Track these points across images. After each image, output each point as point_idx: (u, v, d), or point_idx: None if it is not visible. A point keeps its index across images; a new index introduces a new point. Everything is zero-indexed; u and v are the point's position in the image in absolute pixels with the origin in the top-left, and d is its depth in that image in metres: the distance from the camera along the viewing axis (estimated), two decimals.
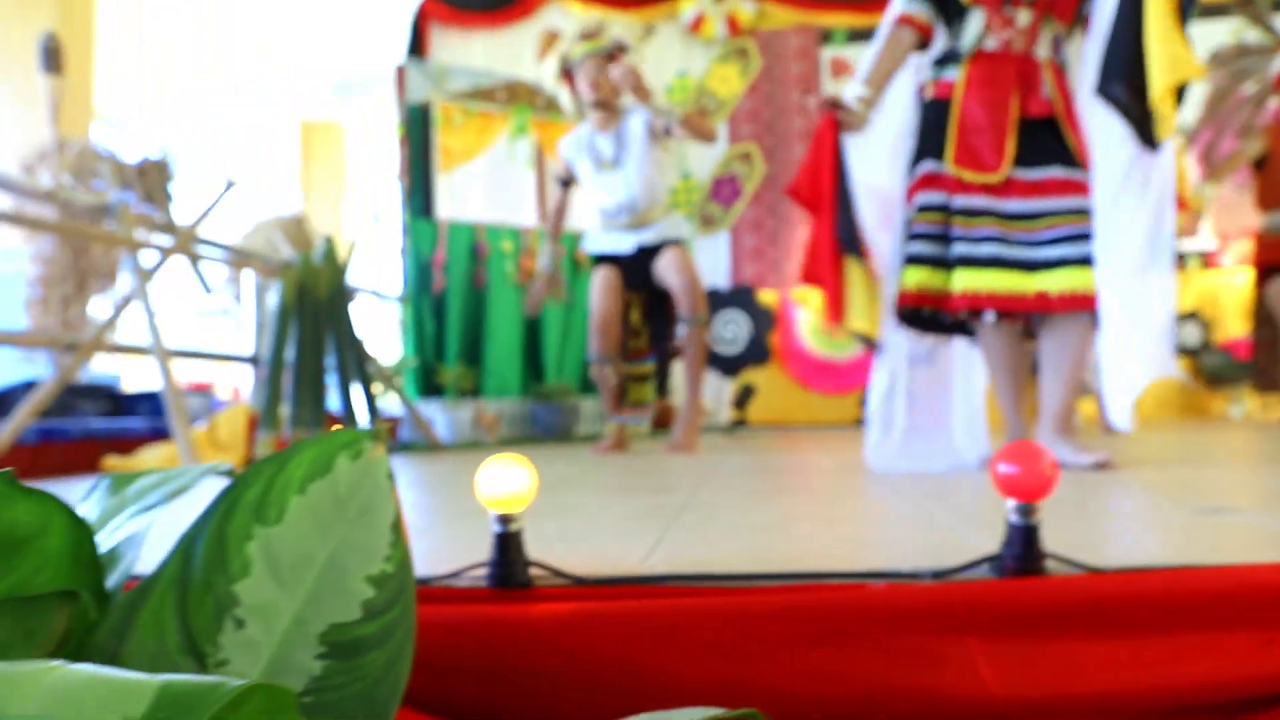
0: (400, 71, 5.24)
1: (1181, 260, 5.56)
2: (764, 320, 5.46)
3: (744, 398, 5.15)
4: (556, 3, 6.08)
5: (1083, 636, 0.78)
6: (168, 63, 6.82)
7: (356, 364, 3.80)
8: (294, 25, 6.71)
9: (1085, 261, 1.97)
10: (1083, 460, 1.91)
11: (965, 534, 1.11)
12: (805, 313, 5.47)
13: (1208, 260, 5.64)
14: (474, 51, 6.03)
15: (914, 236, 2.07)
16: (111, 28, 6.12)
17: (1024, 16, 2.07)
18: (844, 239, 2.16)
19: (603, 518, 1.40)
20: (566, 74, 3.55)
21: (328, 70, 7.57)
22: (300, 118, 8.08)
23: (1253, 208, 4.38)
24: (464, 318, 4.91)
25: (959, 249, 2.02)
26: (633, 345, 3.65)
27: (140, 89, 6.95)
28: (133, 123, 7.23)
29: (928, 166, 2.09)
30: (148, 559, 0.67)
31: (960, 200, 2.03)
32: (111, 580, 0.57)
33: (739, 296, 5.52)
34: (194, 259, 3.25)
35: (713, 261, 5.64)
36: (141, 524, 0.65)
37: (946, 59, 2.11)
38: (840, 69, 5.74)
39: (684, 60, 5.86)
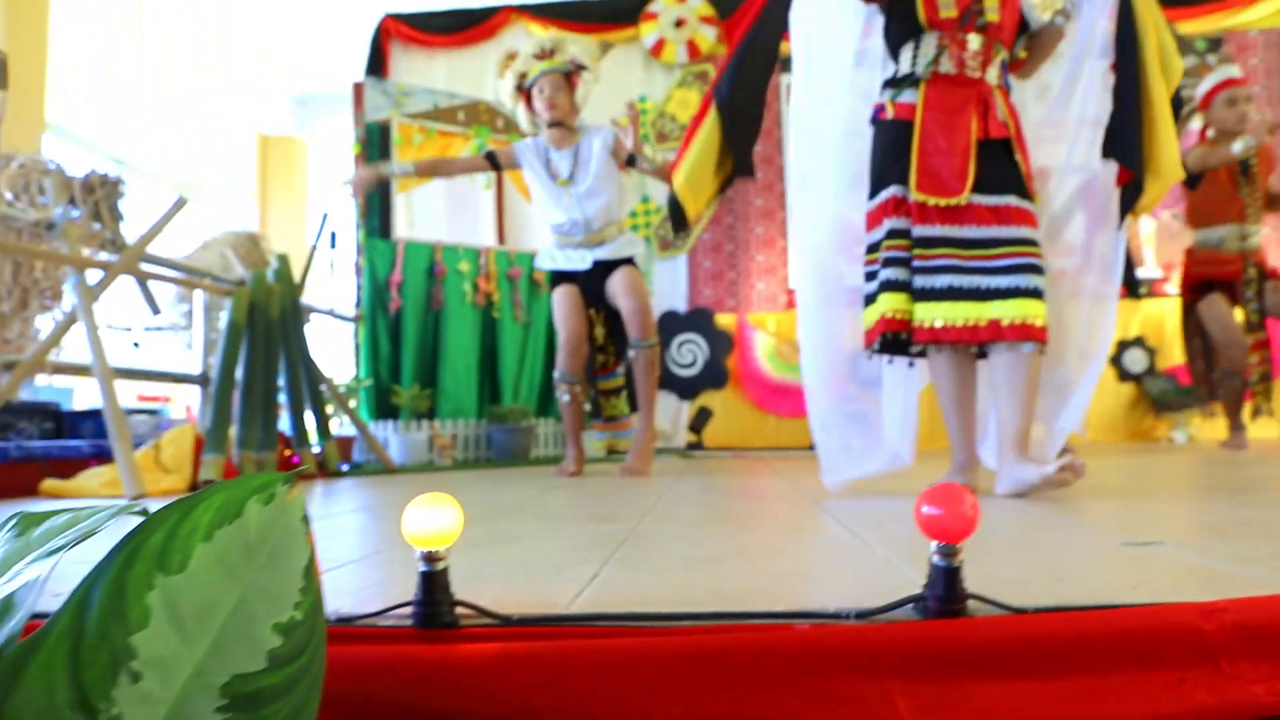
0: (358, 89, 5.22)
1: (1132, 288, 5.68)
2: (722, 343, 5.49)
3: (701, 421, 5.17)
4: (519, 24, 6.10)
5: (1003, 678, 0.79)
6: (123, 73, 6.72)
7: (309, 384, 3.76)
8: (254, 36, 6.65)
9: (1037, 293, 2.02)
10: (1050, 468, 1.92)
11: (901, 568, 1.12)
12: (763, 336, 5.51)
13: (1153, 288, 5.77)
14: (436, 71, 6.03)
15: (888, 262, 2.09)
16: (65, 38, 6.03)
17: (975, 41, 2.12)
18: (720, 90, 2.27)
19: (544, 548, 1.39)
20: (523, 92, 3.54)
21: (288, 84, 7.51)
22: (259, 130, 7.99)
23: (1184, 227, 4.53)
24: (420, 338, 4.88)
25: (918, 281, 2.05)
26: (600, 361, 3.64)
27: (94, 100, 6.84)
28: (85, 135, 7.10)
29: (893, 191, 2.11)
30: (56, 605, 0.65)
31: (919, 230, 2.06)
32: (3, 631, 0.55)
33: (697, 319, 5.55)
34: (141, 277, 3.20)
35: (671, 284, 5.68)
36: (43, 569, 0.64)
37: (903, 81, 2.14)
38: None
39: (645, 84, 5.90)
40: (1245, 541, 1.30)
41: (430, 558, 0.87)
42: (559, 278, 3.54)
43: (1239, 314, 4.31)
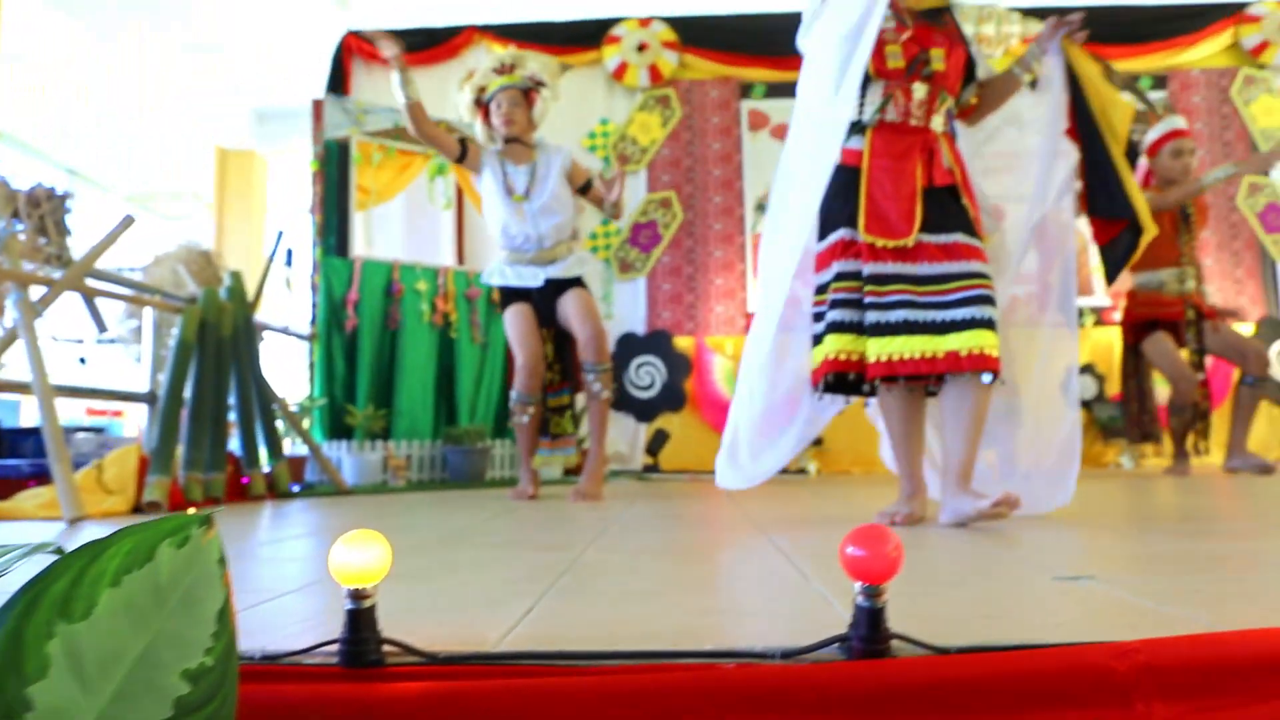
0: (317, 106, 5.19)
1: (1079, 314, 5.81)
2: (680, 366, 5.51)
3: (657, 443, 5.17)
4: (482, 44, 6.11)
5: (924, 718, 0.80)
6: (77, 81, 6.62)
7: (260, 404, 3.71)
8: (215, 48, 6.58)
9: (990, 323, 2.05)
10: (985, 503, 1.95)
11: (835, 604, 1.13)
12: (721, 359, 5.54)
13: (1102, 316, 5.90)
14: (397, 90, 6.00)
15: (835, 304, 2.11)
16: (18, 45, 5.93)
17: (921, 90, 2.16)
18: None
19: (484, 579, 1.38)
20: (481, 106, 3.54)
21: (249, 97, 7.44)
22: (217, 144, 7.90)
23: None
24: (376, 358, 4.84)
25: (871, 316, 2.07)
26: (548, 379, 3.63)
27: (47, 108, 6.72)
28: (37, 144, 6.98)
29: (842, 234, 2.14)
30: None
31: (871, 268, 2.08)
32: None
33: (655, 342, 5.56)
34: (88, 294, 3.14)
35: (630, 307, 5.69)
36: None
37: (850, 128, 2.16)
38: (759, 121, 5.89)
39: (606, 107, 5.94)
40: (1173, 576, 1.33)
41: (357, 595, 0.86)
42: (510, 296, 3.52)
43: (1183, 354, 4.44)
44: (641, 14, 5.94)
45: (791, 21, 2.31)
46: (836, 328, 2.08)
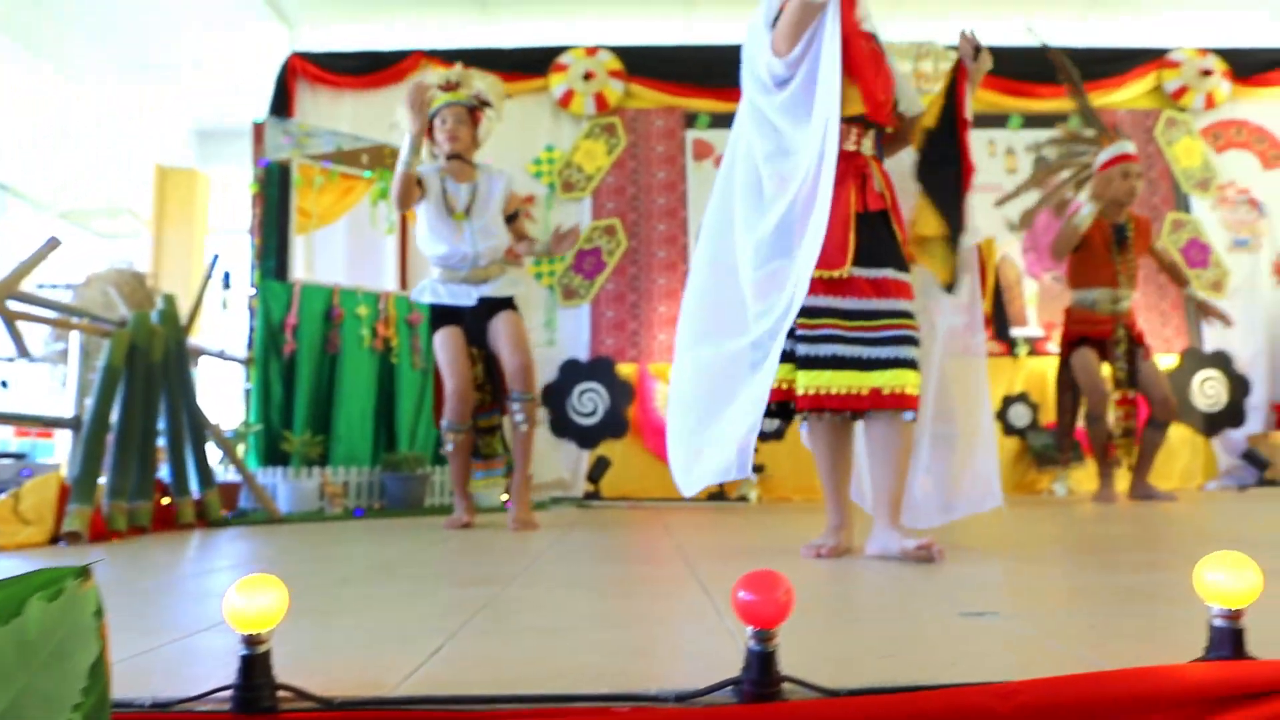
0: (258, 128, 5.13)
1: (1011, 346, 5.97)
2: (623, 393, 5.53)
3: (599, 470, 5.17)
4: (428, 69, 6.10)
5: None
6: (9, 93, 6.47)
7: (191, 429, 3.63)
8: (155, 64, 6.48)
9: (913, 364, 2.09)
10: (910, 544, 1.97)
11: (743, 642, 1.14)
12: (664, 386, 5.57)
13: (1035, 346, 6.05)
14: (342, 112, 5.98)
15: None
16: None
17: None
18: None
19: (400, 616, 1.37)
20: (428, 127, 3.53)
21: (190, 115, 7.33)
22: (156, 161, 7.75)
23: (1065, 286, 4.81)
24: (314, 383, 4.78)
25: (802, 349, 2.09)
26: (479, 399, 3.60)
27: None
28: None
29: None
30: None
31: (804, 300, 2.07)
32: None
33: (598, 369, 5.57)
34: (9, 317, 3.06)
35: (574, 333, 5.70)
36: None
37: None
38: (703, 151, 5.96)
39: (552, 134, 5.97)
40: (1075, 611, 1.38)
41: (251, 640, 0.86)
42: (441, 318, 3.50)
43: (1107, 369, 4.58)
44: (588, 43, 6.00)
45: (737, 54, 2.34)
46: (788, 359, 2.09)
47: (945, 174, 2.31)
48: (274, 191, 4.99)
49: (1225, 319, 4.74)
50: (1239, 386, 5.96)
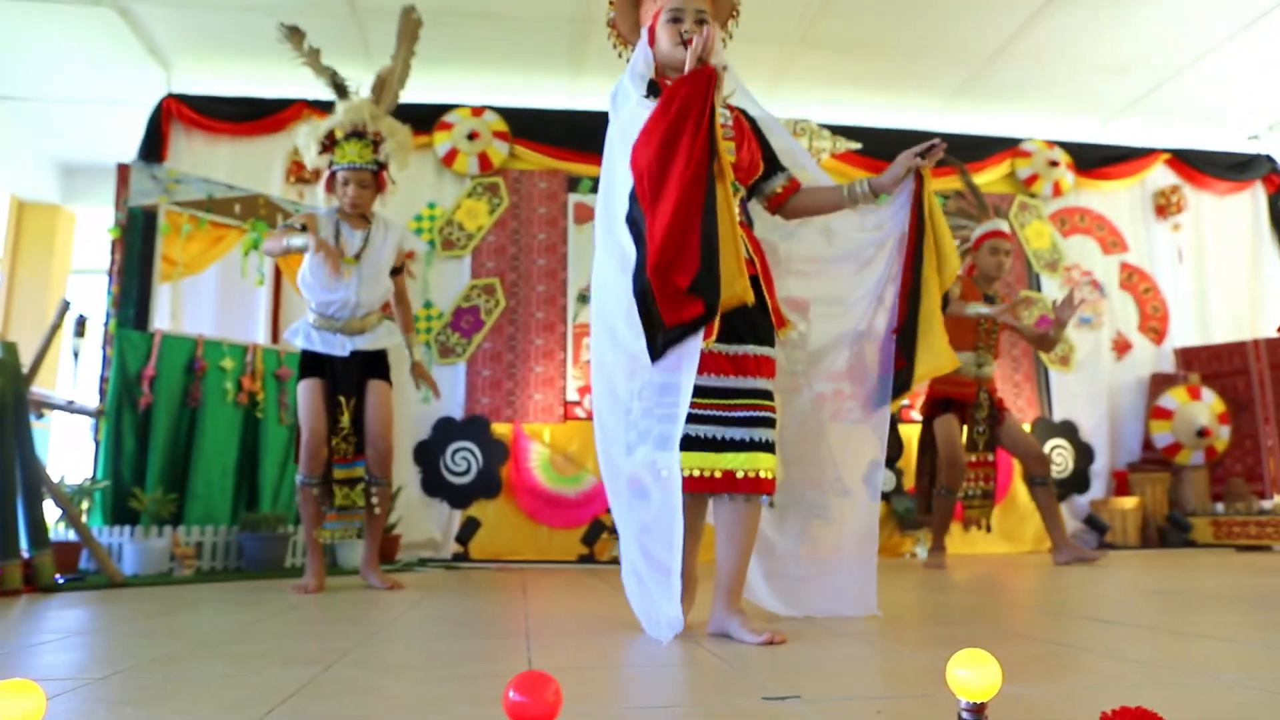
0: (123, 170, 4.97)
1: None
2: (497, 452, 5.49)
3: (468, 531, 5.10)
4: (312, 120, 6.04)
5: None
6: None
7: (25, 484, 3.44)
8: (18, 95, 6.20)
9: (769, 446, 2.06)
10: (750, 639, 1.95)
11: None
12: (538, 446, 5.56)
13: (901, 413, 6.31)
14: (218, 158, 5.85)
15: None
16: None
17: None
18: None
19: (198, 706, 1.33)
20: (329, 169, 3.53)
21: (55, 149, 7.03)
22: (14, 194, 7.37)
23: None
24: (170, 438, 4.59)
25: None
26: (343, 450, 3.55)
27: None
28: None
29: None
30: None
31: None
32: None
33: (472, 428, 5.54)
34: None
35: (449, 391, 5.65)
36: None
37: None
38: (584, 215, 6.06)
39: (435, 191, 5.98)
40: (872, 693, 1.44)
41: None
42: (310, 366, 3.48)
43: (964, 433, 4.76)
44: (474, 103, 6.06)
45: None
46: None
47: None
48: (137, 238, 4.82)
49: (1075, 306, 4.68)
50: (1084, 454, 6.35)
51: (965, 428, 4.76)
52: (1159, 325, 6.76)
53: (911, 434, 6.13)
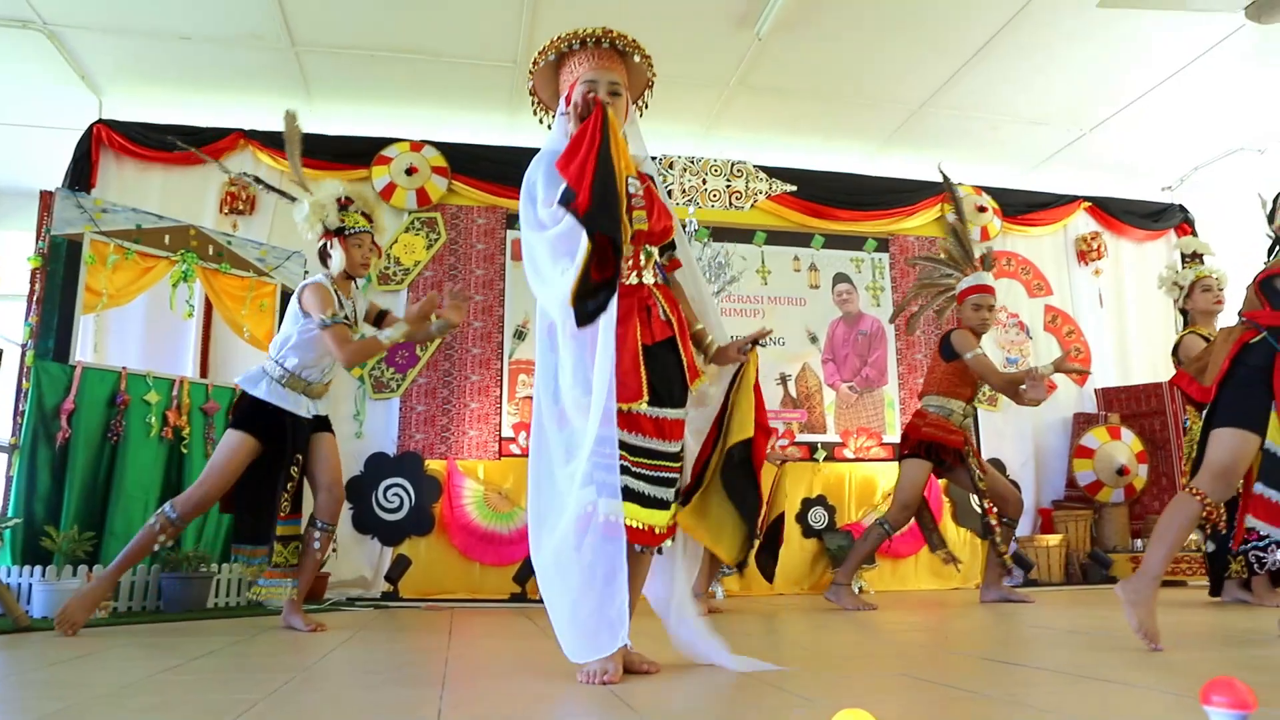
0: (45, 196, 4.86)
1: (812, 451, 6.30)
2: (430, 489, 5.44)
3: (398, 570, 5.03)
4: (248, 151, 5.99)
5: None
6: None
7: None
8: None
9: (666, 505, 2.17)
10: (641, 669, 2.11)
11: None
12: (472, 483, 5.52)
13: (834, 452, 6.41)
14: (150, 187, 5.75)
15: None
16: None
17: (627, 250, 2.25)
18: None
19: None
20: (341, 234, 3.59)
21: None
22: None
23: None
24: (89, 474, 4.46)
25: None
26: (285, 506, 3.53)
27: None
28: None
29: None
30: None
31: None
32: None
33: (406, 464, 5.48)
34: None
35: (382, 427, 5.60)
36: None
37: None
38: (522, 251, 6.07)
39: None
40: None
41: None
42: (253, 421, 3.46)
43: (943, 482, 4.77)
44: (414, 137, 6.06)
45: None
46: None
47: (744, 482, 2.33)
48: (60, 266, 4.70)
49: (1085, 372, 4.80)
50: None
51: (944, 480, 4.78)
52: (1081, 366, 6.98)
53: (845, 473, 6.24)
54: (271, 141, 6.07)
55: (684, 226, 5.66)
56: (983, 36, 5.27)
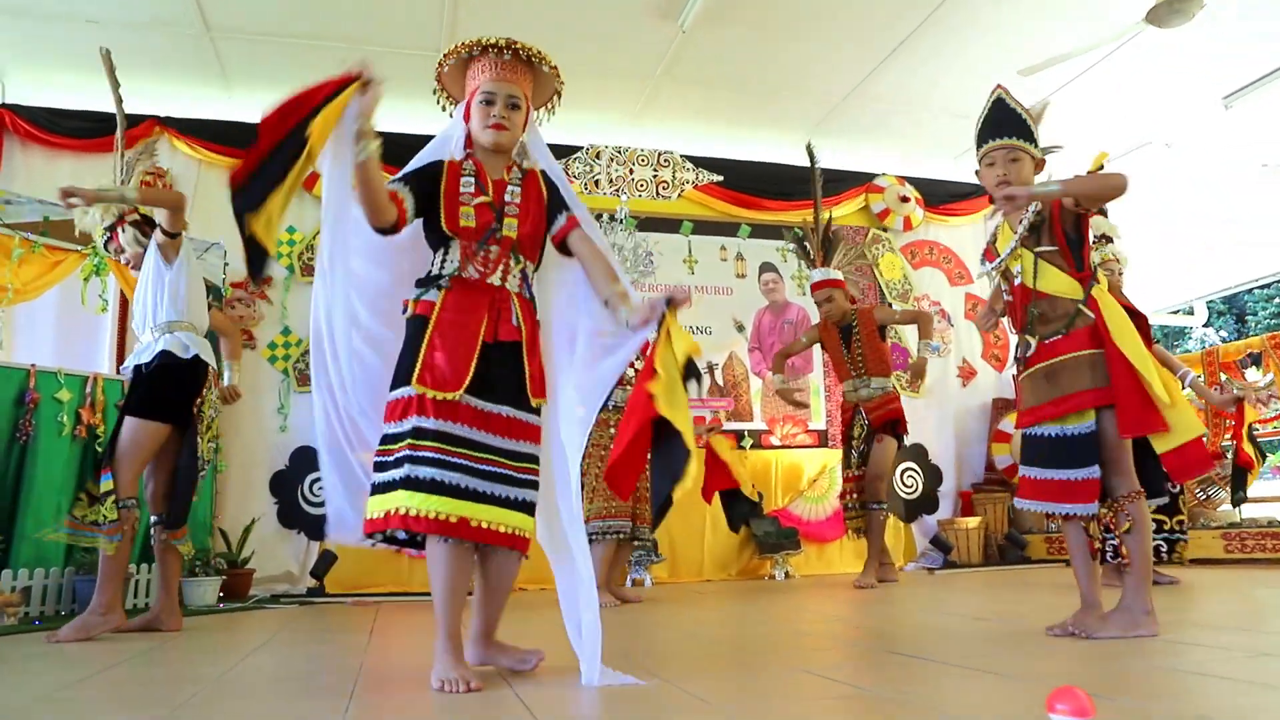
0: None
1: (739, 439, 6.39)
2: None
3: (323, 565, 4.98)
4: (163, 138, 5.83)
5: None
6: None
7: None
8: None
9: (527, 506, 2.14)
10: (525, 664, 2.21)
11: None
12: None
13: (760, 439, 6.51)
14: (58, 175, 5.54)
15: (410, 460, 2.04)
16: None
17: (494, 251, 2.26)
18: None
19: None
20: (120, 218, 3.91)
21: None
22: None
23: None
24: None
25: (425, 472, 2.03)
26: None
27: None
28: None
29: (405, 391, 2.12)
30: None
31: (416, 420, 2.07)
32: None
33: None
34: None
35: (308, 420, 5.51)
36: None
37: (429, 281, 2.24)
38: None
39: (295, 216, 5.85)
40: None
41: None
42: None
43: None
44: None
45: None
46: (412, 484, 2.04)
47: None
48: None
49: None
50: (933, 476, 6.70)
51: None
52: (1000, 353, 7.20)
53: (771, 460, 6.35)
54: (188, 129, 5.92)
55: (614, 216, 5.67)
56: (904, 30, 5.36)
